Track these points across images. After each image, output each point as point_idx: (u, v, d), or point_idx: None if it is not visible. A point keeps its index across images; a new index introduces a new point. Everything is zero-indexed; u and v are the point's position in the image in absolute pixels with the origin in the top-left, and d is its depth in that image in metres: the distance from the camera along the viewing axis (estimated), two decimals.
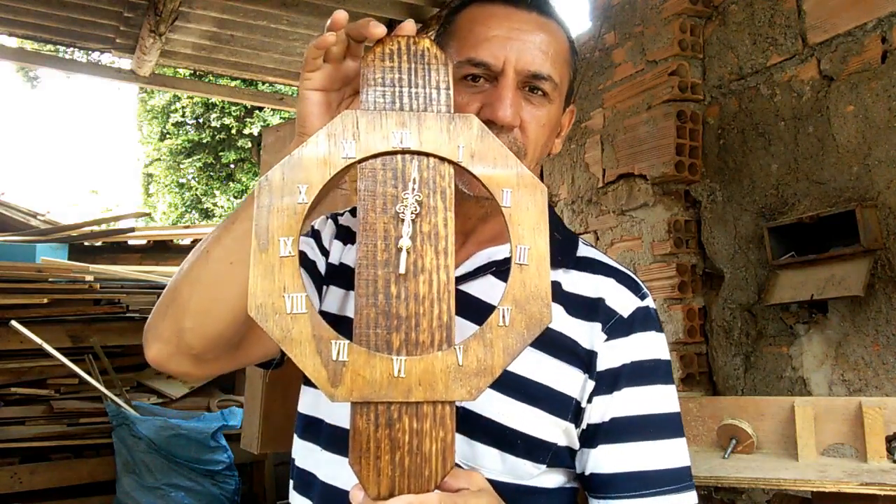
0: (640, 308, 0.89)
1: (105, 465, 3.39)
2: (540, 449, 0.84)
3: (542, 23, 0.88)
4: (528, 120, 0.86)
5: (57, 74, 15.46)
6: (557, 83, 0.88)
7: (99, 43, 4.33)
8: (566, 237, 0.96)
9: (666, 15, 2.88)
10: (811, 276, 2.32)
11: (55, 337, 3.36)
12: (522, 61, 0.85)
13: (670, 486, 0.84)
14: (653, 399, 0.86)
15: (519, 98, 0.85)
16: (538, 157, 0.90)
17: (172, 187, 14.58)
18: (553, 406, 0.83)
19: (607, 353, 0.85)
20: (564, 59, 0.90)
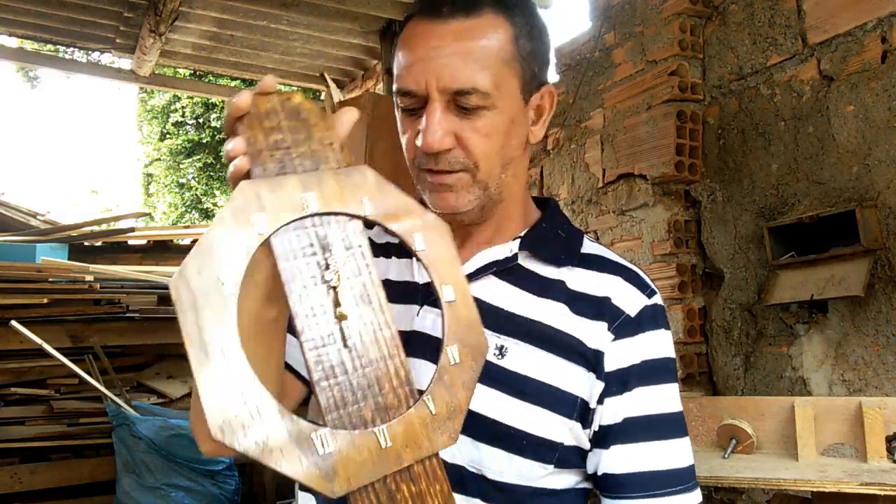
0: (648, 306, 0.88)
1: (105, 465, 3.38)
2: (546, 448, 0.83)
3: (465, 28, 0.81)
4: (467, 136, 0.82)
5: (57, 74, 15.45)
6: (489, 90, 0.81)
7: (99, 43, 4.34)
8: (570, 235, 0.94)
9: (666, 15, 2.88)
10: (811, 276, 2.32)
11: (55, 337, 3.35)
12: (443, 81, 0.80)
13: (681, 485, 0.84)
14: (663, 398, 0.85)
15: (450, 118, 0.82)
16: (500, 161, 0.85)
17: (172, 187, 14.58)
18: (557, 405, 0.83)
19: (615, 353, 0.84)
20: (502, 56, 0.82)
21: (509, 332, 0.85)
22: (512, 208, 0.91)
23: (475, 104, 0.81)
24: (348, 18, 4.04)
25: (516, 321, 0.85)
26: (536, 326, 0.84)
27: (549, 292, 0.87)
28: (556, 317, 0.85)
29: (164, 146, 14.29)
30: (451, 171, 0.83)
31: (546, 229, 0.92)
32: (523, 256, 0.89)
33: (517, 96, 0.85)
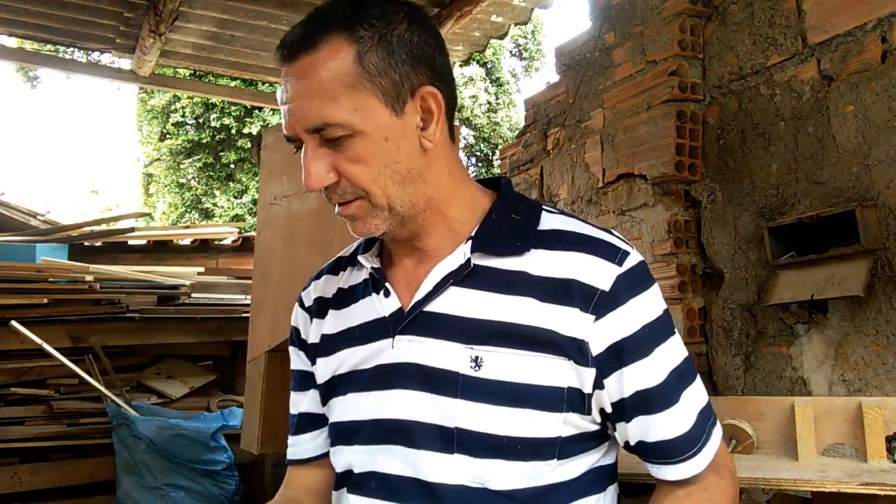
0: (622, 275, 0.84)
1: (105, 465, 3.38)
2: (543, 447, 0.83)
3: (307, 66, 0.82)
4: (343, 167, 0.83)
5: (57, 74, 15.45)
6: (342, 120, 0.80)
7: (99, 43, 4.33)
8: (526, 213, 0.91)
9: (666, 15, 2.88)
10: (811, 276, 2.32)
11: (55, 337, 3.36)
12: (303, 123, 0.82)
13: (705, 432, 0.87)
14: (665, 361, 0.85)
15: (325, 154, 0.83)
16: (392, 179, 0.84)
17: (172, 187, 14.59)
18: (545, 403, 0.82)
19: (600, 333, 0.83)
20: (348, 81, 0.81)
21: (481, 340, 0.84)
22: (452, 211, 0.89)
23: (337, 135, 0.81)
24: None
25: (486, 327, 0.84)
26: (507, 328, 0.83)
27: (512, 287, 0.85)
28: (525, 313, 0.83)
29: (164, 146, 14.30)
30: (348, 201, 0.85)
31: (496, 220, 0.89)
32: (478, 257, 0.87)
33: (382, 112, 0.82)
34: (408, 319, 0.88)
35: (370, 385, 0.90)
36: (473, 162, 16.26)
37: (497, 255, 0.86)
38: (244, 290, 4.18)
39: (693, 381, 0.88)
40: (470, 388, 0.82)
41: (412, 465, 0.85)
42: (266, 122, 12.69)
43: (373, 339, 0.91)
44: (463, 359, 0.83)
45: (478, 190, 0.94)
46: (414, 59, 0.84)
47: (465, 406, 0.82)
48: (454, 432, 0.82)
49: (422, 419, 0.84)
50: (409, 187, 0.85)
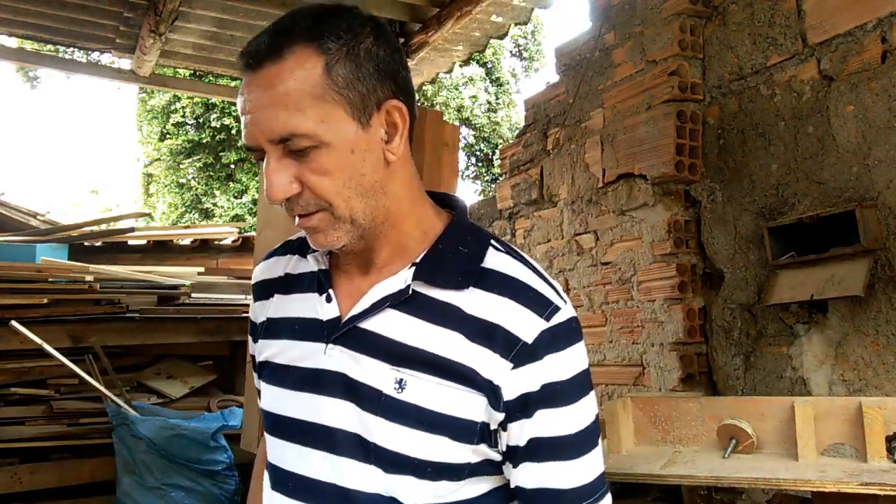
0: (546, 330, 0.85)
1: (105, 465, 3.38)
2: (452, 471, 0.85)
3: (273, 75, 0.80)
4: (307, 178, 0.82)
5: (57, 74, 15.44)
6: (308, 131, 0.80)
7: (99, 43, 4.33)
8: (473, 247, 0.91)
9: (666, 15, 2.88)
10: (811, 276, 2.32)
11: (55, 337, 3.35)
12: (265, 134, 0.81)
13: (591, 497, 0.87)
14: (568, 419, 0.86)
15: (288, 164, 0.82)
16: (356, 191, 0.84)
17: (172, 187, 14.59)
18: (457, 433, 0.84)
19: (515, 381, 0.84)
20: (315, 93, 0.81)
21: (407, 364, 0.85)
22: (405, 228, 0.90)
23: (303, 146, 0.81)
24: None
25: (413, 353, 0.85)
26: (433, 357, 0.85)
27: (445, 320, 0.86)
28: (451, 347, 0.85)
29: (164, 146, 14.30)
30: (310, 213, 0.84)
31: (443, 250, 0.90)
32: (418, 285, 0.88)
33: (349, 125, 0.82)
34: (342, 331, 0.90)
35: (302, 385, 0.92)
36: (473, 162, 16.26)
37: (436, 286, 0.88)
38: (244, 290, 4.18)
39: (593, 448, 0.89)
40: (390, 408, 0.85)
41: (334, 470, 0.88)
42: None
43: (309, 338, 0.93)
44: (388, 379, 0.85)
45: (432, 209, 0.95)
46: (380, 73, 0.84)
47: (383, 424, 0.85)
48: (372, 446, 0.85)
49: (345, 427, 0.87)
50: (371, 200, 0.86)
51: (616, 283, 3.12)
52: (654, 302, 2.91)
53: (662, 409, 2.15)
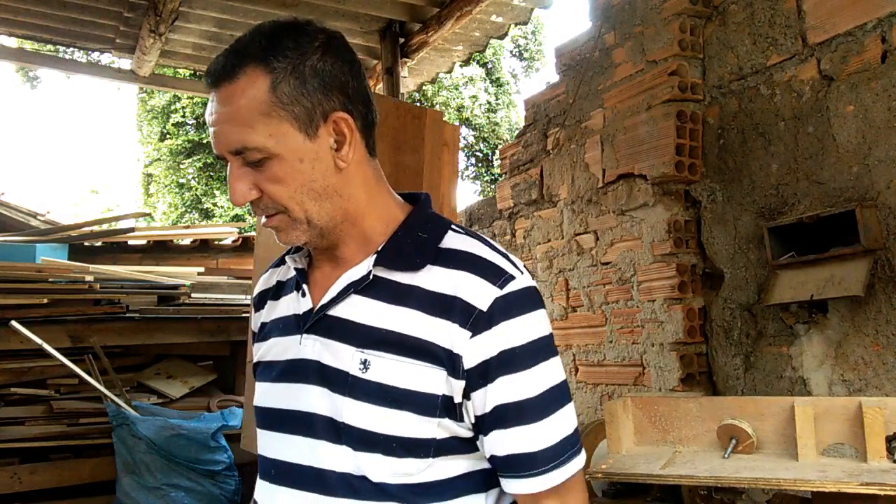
0: (500, 297, 0.90)
1: (105, 465, 3.38)
2: (419, 447, 0.89)
3: (227, 94, 0.90)
4: (264, 185, 0.91)
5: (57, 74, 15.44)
6: (258, 144, 0.88)
7: (99, 43, 4.33)
8: (432, 231, 0.98)
9: (666, 15, 2.88)
10: (811, 276, 2.32)
11: (55, 337, 3.35)
12: (225, 146, 0.90)
13: (559, 458, 0.91)
14: (528, 383, 0.89)
15: (247, 172, 0.91)
16: (309, 196, 0.92)
17: (172, 187, 14.59)
18: (419, 407, 0.89)
19: (473, 349, 0.89)
20: (261, 110, 0.89)
21: (370, 345, 0.91)
22: (366, 224, 0.98)
23: (256, 158, 0.89)
24: (348, 18, 4.04)
25: (375, 334, 0.92)
26: (394, 336, 0.91)
27: (404, 300, 0.92)
28: (410, 324, 0.91)
29: (164, 146, 14.30)
30: (270, 215, 0.94)
31: (402, 237, 0.97)
32: (379, 270, 0.95)
33: (297, 138, 0.90)
34: (313, 320, 0.97)
35: (282, 377, 0.99)
36: (473, 162, 16.26)
37: (396, 270, 0.94)
38: (244, 291, 4.18)
39: (561, 406, 0.92)
40: (356, 388, 0.90)
41: (311, 453, 0.93)
42: None
43: (289, 332, 1.01)
44: (353, 361, 0.92)
45: (395, 204, 1.02)
46: (326, 87, 0.92)
47: (351, 404, 0.90)
48: (342, 426, 0.91)
49: (319, 412, 0.93)
50: (325, 203, 0.93)
51: (616, 283, 3.12)
52: (654, 302, 2.91)
53: (662, 409, 2.15)
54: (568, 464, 0.91)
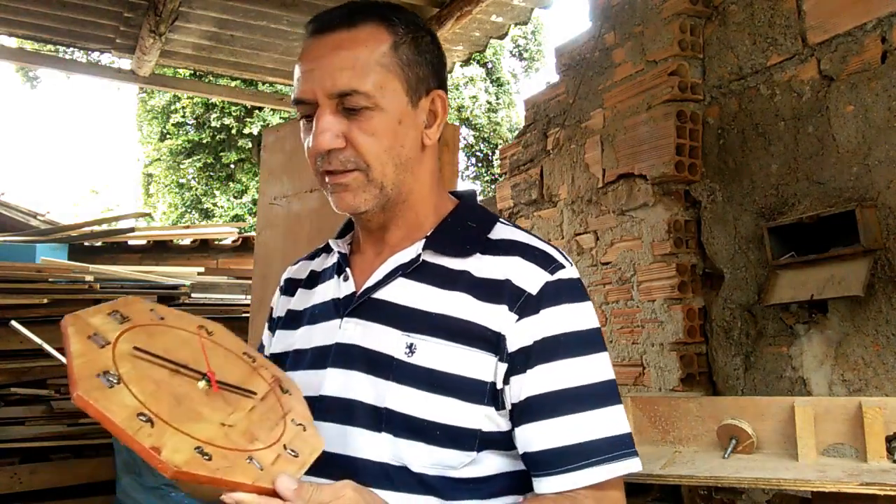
0: (550, 282, 0.89)
1: (105, 465, 3.38)
2: (463, 437, 0.86)
3: (344, 39, 0.90)
4: (355, 136, 0.89)
5: (57, 74, 15.46)
6: (371, 92, 0.88)
7: (99, 43, 4.33)
8: (480, 222, 0.98)
9: (666, 15, 2.88)
10: (811, 276, 2.32)
11: (55, 337, 3.35)
12: (326, 87, 0.88)
13: (595, 457, 0.84)
14: (568, 373, 0.86)
15: (339, 120, 0.89)
16: (392, 160, 0.91)
17: (172, 187, 14.59)
18: (466, 394, 0.86)
19: (517, 332, 0.87)
20: (381, 62, 0.90)
21: (416, 329, 0.90)
22: (420, 210, 0.97)
23: (359, 105, 0.88)
24: None
25: (422, 317, 0.90)
26: (442, 320, 0.89)
27: (453, 284, 0.91)
28: (460, 307, 0.89)
29: (164, 146, 14.31)
30: (346, 170, 0.90)
31: (451, 224, 0.97)
32: (428, 254, 0.94)
33: (402, 99, 0.92)
34: (357, 303, 0.95)
35: (316, 363, 0.97)
36: (473, 162, 16.26)
37: (445, 255, 0.94)
38: (244, 290, 4.18)
39: (608, 404, 0.87)
40: (402, 372, 0.88)
41: (344, 440, 0.90)
42: (266, 122, 12.69)
43: (326, 318, 0.99)
44: (399, 344, 0.89)
45: (446, 196, 1.03)
46: (433, 66, 0.96)
47: (394, 388, 0.88)
48: (384, 412, 0.88)
49: (358, 398, 0.90)
50: (402, 174, 0.93)
51: (616, 283, 3.12)
52: (654, 302, 2.91)
53: (662, 409, 2.15)
54: (614, 466, 0.84)
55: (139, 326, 0.85)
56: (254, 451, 0.76)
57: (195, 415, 0.76)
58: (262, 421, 0.81)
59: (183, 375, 0.80)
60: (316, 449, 0.81)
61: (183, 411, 0.75)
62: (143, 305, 0.88)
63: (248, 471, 0.72)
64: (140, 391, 0.74)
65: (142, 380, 0.76)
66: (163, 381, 0.78)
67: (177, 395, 0.77)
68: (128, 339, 0.82)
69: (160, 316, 0.89)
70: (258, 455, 0.75)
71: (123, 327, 0.83)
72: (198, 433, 0.73)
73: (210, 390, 0.80)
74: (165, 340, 0.84)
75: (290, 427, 0.82)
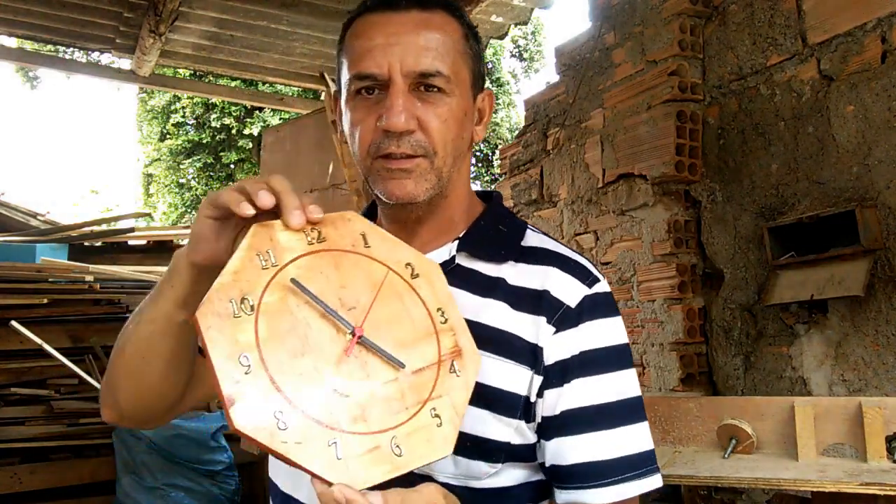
0: (588, 296, 0.87)
1: (105, 465, 3.38)
2: (493, 450, 0.84)
3: (423, 19, 0.86)
4: (428, 120, 0.85)
5: (57, 74, 15.45)
6: (450, 76, 0.86)
7: (99, 43, 4.33)
8: (512, 228, 0.95)
9: (666, 15, 2.88)
10: (811, 276, 2.32)
11: (55, 337, 3.36)
12: (406, 64, 0.84)
13: (628, 473, 0.84)
14: (604, 388, 0.85)
15: (412, 100, 0.85)
16: (454, 151, 0.88)
17: (172, 187, 14.59)
18: (500, 406, 0.84)
19: (555, 345, 0.85)
20: (457, 49, 0.88)
21: None
22: (456, 210, 0.94)
23: (438, 87, 0.85)
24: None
25: None
26: (477, 328, 0.84)
27: (489, 291, 0.88)
28: (496, 316, 0.86)
29: (164, 146, 14.30)
30: (413, 155, 0.85)
31: (485, 226, 0.93)
32: (462, 257, 0.90)
33: (468, 89, 0.90)
34: None
35: None
36: (473, 162, 16.26)
37: (480, 259, 0.90)
38: None
39: (636, 422, 0.87)
40: None
41: None
42: (266, 122, 12.68)
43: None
44: None
45: (475, 197, 1.00)
46: (484, 68, 0.95)
47: None
48: None
49: None
50: (454, 166, 0.90)
51: (616, 283, 3.12)
52: (654, 302, 2.91)
53: (662, 409, 2.14)
54: (638, 484, 0.84)
55: (330, 252, 0.74)
56: (347, 433, 0.66)
57: (311, 373, 0.67)
58: (390, 400, 0.70)
59: (331, 322, 0.70)
60: (427, 456, 0.69)
61: (298, 365, 0.67)
62: (355, 227, 0.77)
63: (318, 456, 0.64)
64: (266, 329, 0.67)
65: (278, 316, 0.68)
66: (301, 324, 0.69)
67: (306, 344, 0.68)
68: (303, 265, 0.72)
69: (367, 244, 0.77)
70: (346, 441, 0.66)
71: (310, 249, 0.73)
72: (294, 395, 0.65)
73: (349, 347, 0.70)
74: (349, 275, 0.74)
75: (422, 418, 0.70)
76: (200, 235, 0.77)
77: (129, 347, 0.87)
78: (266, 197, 0.71)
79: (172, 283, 0.82)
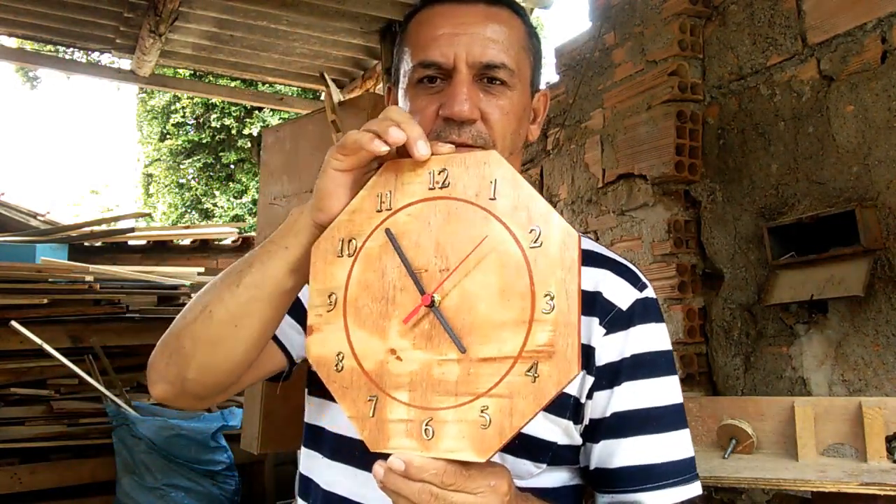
0: (639, 300, 0.88)
1: (105, 465, 3.38)
2: (539, 449, 0.84)
3: (490, 13, 0.87)
4: (490, 111, 0.85)
5: (57, 74, 15.45)
6: (514, 70, 0.86)
7: (99, 43, 4.33)
8: None
9: (666, 15, 2.88)
10: (811, 276, 2.32)
11: (55, 337, 3.36)
12: (472, 54, 0.84)
13: (674, 478, 0.85)
14: (654, 392, 0.86)
15: (475, 91, 0.84)
16: (511, 146, 0.88)
17: (172, 187, 14.58)
18: (551, 405, 0.81)
19: (606, 347, 0.85)
20: (520, 45, 0.89)
21: None
22: None
23: (502, 79, 0.85)
24: (348, 18, 4.04)
25: None
26: None
27: None
28: None
29: (164, 146, 14.29)
30: (473, 145, 0.84)
31: None
32: None
33: (528, 86, 0.91)
34: None
35: None
36: None
37: None
38: None
39: (681, 429, 0.87)
40: None
41: None
42: (266, 122, 12.68)
43: None
44: None
45: None
46: (541, 63, 0.95)
47: None
48: None
49: None
50: (511, 158, 0.87)
51: None
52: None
53: None
54: (689, 485, 0.85)
55: (448, 200, 0.68)
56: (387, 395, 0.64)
57: (379, 326, 0.66)
58: (440, 381, 0.64)
59: (410, 282, 0.66)
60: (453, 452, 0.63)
61: (372, 315, 0.66)
62: (489, 172, 0.68)
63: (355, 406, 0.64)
64: (360, 272, 0.67)
65: (374, 263, 0.67)
66: (389, 276, 0.67)
67: (387, 297, 0.66)
68: (413, 212, 0.68)
69: (494, 196, 0.67)
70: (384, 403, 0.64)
71: (429, 195, 0.69)
72: (357, 343, 0.65)
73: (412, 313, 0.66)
74: (456, 231, 0.67)
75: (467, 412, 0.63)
76: (326, 191, 0.73)
77: (219, 312, 0.79)
78: (397, 132, 0.69)
79: (287, 243, 0.76)
